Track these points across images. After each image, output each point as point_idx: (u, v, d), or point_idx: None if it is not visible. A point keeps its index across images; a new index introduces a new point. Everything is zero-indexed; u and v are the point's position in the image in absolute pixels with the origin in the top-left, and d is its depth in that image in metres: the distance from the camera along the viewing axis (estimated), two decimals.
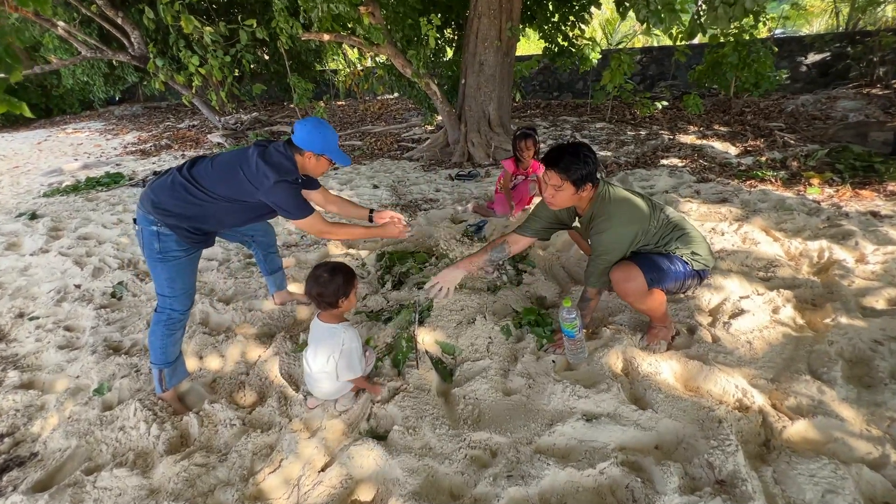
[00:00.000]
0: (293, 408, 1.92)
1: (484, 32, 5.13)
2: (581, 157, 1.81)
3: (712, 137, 5.42)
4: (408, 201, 4.24)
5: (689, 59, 8.27)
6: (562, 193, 1.87)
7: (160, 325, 1.89)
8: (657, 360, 1.95)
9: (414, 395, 1.89)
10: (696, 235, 2.03)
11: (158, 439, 1.79)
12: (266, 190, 1.81)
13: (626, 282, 1.90)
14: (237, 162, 1.85)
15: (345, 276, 1.73)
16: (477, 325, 2.26)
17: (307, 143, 1.84)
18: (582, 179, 1.83)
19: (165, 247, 1.83)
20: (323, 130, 1.84)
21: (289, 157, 1.87)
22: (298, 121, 1.88)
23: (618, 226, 1.89)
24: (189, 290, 1.94)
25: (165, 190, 1.82)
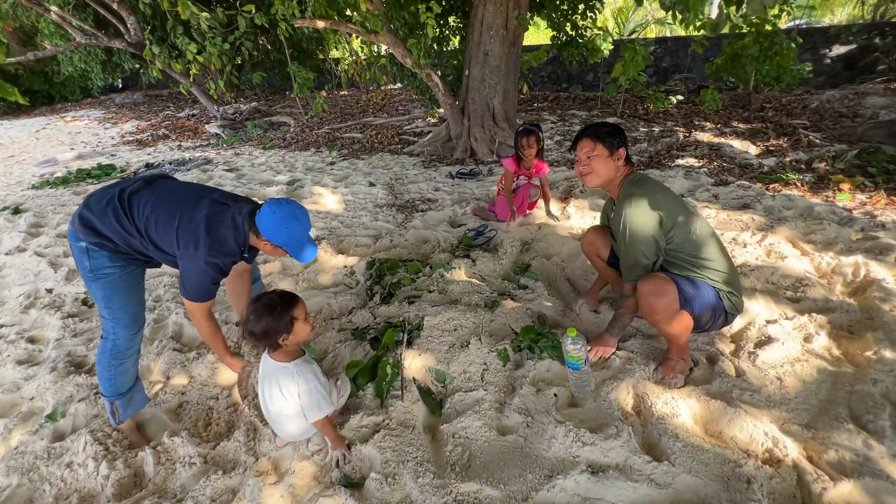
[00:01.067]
0: (261, 443, 1.71)
1: (489, 20, 4.83)
2: (609, 125, 1.82)
3: (731, 135, 5.11)
4: (405, 201, 4.00)
5: (706, 51, 7.89)
6: (596, 160, 1.81)
7: (106, 354, 1.68)
8: (674, 399, 1.71)
9: (397, 432, 1.67)
10: (730, 266, 1.83)
11: (107, 480, 1.59)
12: (186, 256, 1.56)
13: (658, 296, 1.69)
14: (181, 210, 1.58)
15: (274, 312, 1.46)
16: (471, 348, 2.03)
17: (268, 233, 1.57)
18: (614, 143, 1.79)
19: (97, 264, 1.61)
20: (292, 224, 1.56)
21: (241, 233, 1.60)
22: (271, 201, 1.59)
23: (640, 205, 1.73)
24: (131, 312, 1.70)
25: (99, 208, 1.59)
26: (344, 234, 3.41)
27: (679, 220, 1.76)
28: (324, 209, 3.92)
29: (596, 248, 2.23)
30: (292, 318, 1.51)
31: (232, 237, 1.59)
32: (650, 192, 1.76)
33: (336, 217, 3.74)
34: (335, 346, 2.20)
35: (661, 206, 1.73)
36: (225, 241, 1.58)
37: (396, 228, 3.48)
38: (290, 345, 1.53)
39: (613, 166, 1.81)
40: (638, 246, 1.75)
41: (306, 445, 1.67)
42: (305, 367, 1.55)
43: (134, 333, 1.71)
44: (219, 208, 1.62)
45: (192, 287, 1.60)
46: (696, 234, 1.78)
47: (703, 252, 1.78)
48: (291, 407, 1.52)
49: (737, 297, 1.82)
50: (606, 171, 1.82)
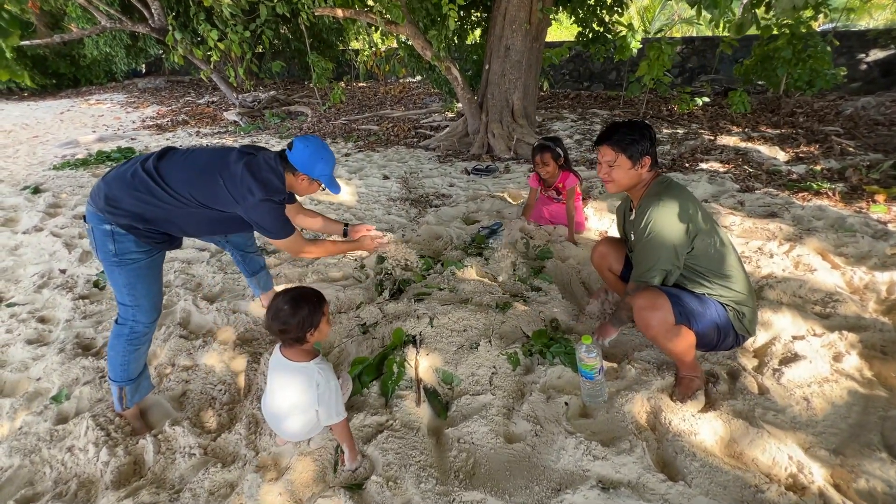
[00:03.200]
0: (262, 438, 1.68)
1: (512, 14, 4.72)
2: (637, 130, 1.68)
3: (758, 140, 4.93)
4: (418, 195, 3.94)
5: (735, 52, 7.63)
6: (618, 170, 1.71)
7: (121, 339, 1.66)
8: (692, 415, 1.62)
9: (400, 434, 1.62)
10: (746, 286, 1.75)
11: (107, 466, 1.58)
12: (249, 206, 1.63)
13: (650, 310, 1.63)
14: (217, 167, 1.63)
15: (311, 305, 1.44)
16: (480, 350, 1.97)
17: (305, 166, 1.70)
18: (639, 152, 1.67)
19: (122, 248, 1.58)
20: (325, 155, 1.72)
21: (279, 175, 1.70)
22: (300, 138, 1.71)
23: (669, 209, 1.63)
24: (153, 299, 1.70)
25: (124, 185, 1.57)
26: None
27: (701, 230, 1.67)
28: (337, 200, 3.89)
29: (608, 262, 2.12)
30: (322, 313, 1.49)
31: (274, 177, 1.67)
32: (680, 198, 1.67)
33: (349, 209, 3.71)
34: (342, 341, 2.16)
35: (690, 215, 1.65)
36: (270, 181, 1.66)
37: (409, 223, 3.42)
38: (312, 341, 1.49)
39: (636, 175, 1.72)
40: (657, 251, 1.67)
41: (307, 443, 1.62)
42: (326, 367, 1.51)
43: (153, 320, 1.71)
44: (249, 158, 1.68)
45: (274, 226, 1.70)
46: (716, 248, 1.70)
47: (719, 268, 1.71)
48: (303, 407, 1.48)
49: (748, 318, 1.73)
50: (628, 180, 1.74)
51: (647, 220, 1.66)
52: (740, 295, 1.72)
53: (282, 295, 1.45)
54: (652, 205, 1.66)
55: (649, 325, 1.65)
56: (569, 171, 2.96)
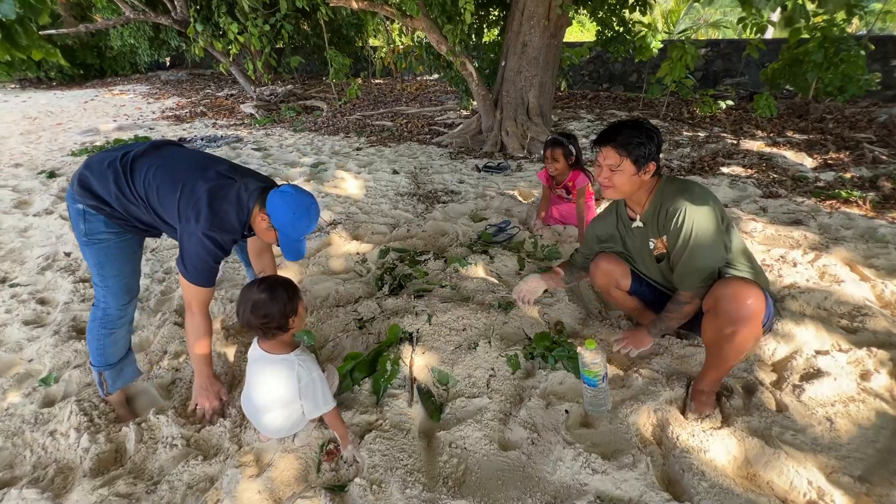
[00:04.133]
0: (247, 431, 1.61)
1: (531, 10, 4.61)
2: (643, 131, 1.53)
3: (784, 146, 4.72)
4: (427, 191, 3.86)
5: (761, 56, 7.38)
6: (620, 175, 1.57)
7: (95, 322, 1.62)
8: (702, 430, 1.51)
9: (389, 435, 1.54)
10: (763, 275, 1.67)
11: (87, 453, 1.53)
12: (185, 228, 1.47)
13: (744, 299, 1.44)
14: (183, 180, 1.50)
15: (287, 290, 1.38)
16: (479, 351, 1.88)
17: (276, 212, 1.45)
18: (644, 157, 1.54)
19: (92, 228, 1.54)
20: (300, 216, 1.46)
21: (242, 213, 1.50)
22: (295, 187, 1.50)
23: (700, 202, 1.52)
24: (124, 281, 1.63)
25: (98, 170, 1.53)
26: (361, 221, 3.31)
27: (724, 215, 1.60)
28: (344, 194, 3.84)
29: (614, 280, 1.91)
30: (299, 297, 1.42)
31: (234, 213, 1.50)
32: (700, 188, 1.59)
33: (355, 202, 3.65)
34: (336, 335, 2.09)
35: (717, 206, 1.56)
36: (226, 217, 1.49)
37: (415, 218, 3.35)
38: (293, 330, 1.43)
39: (638, 181, 1.59)
40: (704, 250, 1.53)
41: (292, 439, 1.56)
42: (307, 358, 1.44)
43: (125, 303, 1.64)
44: (224, 182, 1.53)
45: (192, 264, 1.49)
46: (735, 242, 1.62)
47: (744, 250, 1.64)
48: (285, 402, 1.41)
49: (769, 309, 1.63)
50: (630, 187, 1.61)
51: (685, 223, 1.52)
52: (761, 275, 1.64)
53: (254, 286, 1.38)
54: (683, 207, 1.52)
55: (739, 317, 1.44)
56: (579, 171, 2.84)
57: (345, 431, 1.47)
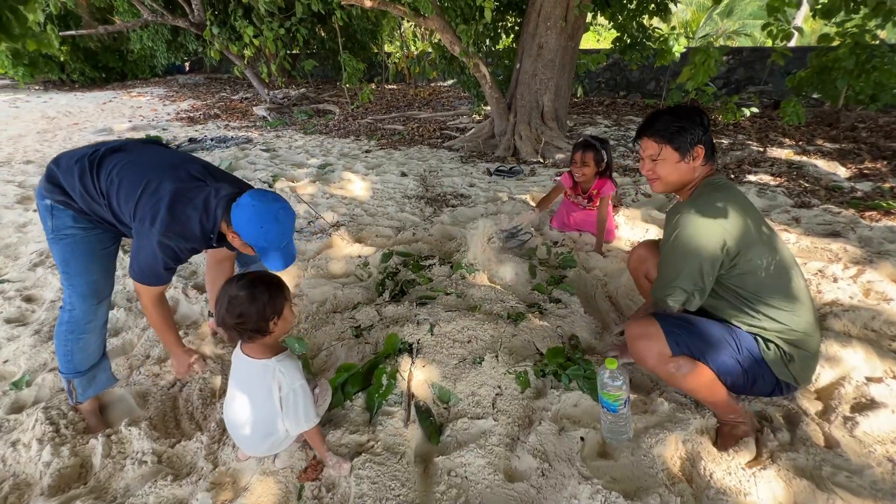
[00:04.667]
0: (224, 449, 1.45)
1: (547, 11, 4.47)
2: (686, 116, 1.38)
3: (815, 154, 4.47)
4: (435, 194, 3.71)
5: (787, 64, 7.12)
6: (664, 165, 1.43)
7: (62, 326, 1.49)
8: (740, 467, 1.31)
9: (381, 459, 1.37)
10: (804, 321, 1.39)
11: (48, 468, 1.39)
12: (138, 229, 1.35)
13: (641, 339, 1.39)
14: (148, 178, 1.37)
15: (271, 289, 1.23)
16: (485, 366, 1.70)
17: (241, 227, 1.31)
18: (689, 143, 1.39)
19: (59, 223, 1.43)
20: (269, 227, 1.30)
21: (208, 221, 1.36)
22: (254, 193, 1.33)
23: (703, 215, 1.33)
24: (90, 280, 1.48)
25: (66, 165, 1.41)
26: (365, 223, 3.17)
27: (751, 246, 1.35)
28: (349, 195, 3.71)
29: (645, 268, 1.81)
30: (285, 298, 1.27)
31: (197, 221, 1.35)
32: (725, 203, 1.35)
33: (360, 204, 3.51)
34: (331, 344, 1.93)
35: (732, 227, 1.33)
36: (188, 223, 1.35)
37: (422, 222, 3.19)
38: (277, 334, 1.27)
39: (687, 169, 1.43)
40: (679, 264, 1.38)
41: (272, 461, 1.39)
42: (290, 364, 1.28)
43: (93, 305, 1.50)
44: (192, 184, 1.39)
45: (140, 267, 1.38)
46: (769, 271, 1.37)
47: (769, 295, 1.37)
48: (264, 415, 1.26)
49: (799, 363, 1.38)
50: (678, 176, 1.44)
51: (676, 225, 1.38)
52: (793, 332, 1.37)
53: (234, 281, 1.23)
54: (685, 210, 1.37)
55: (643, 358, 1.40)
56: (607, 179, 2.64)
57: (324, 451, 1.32)
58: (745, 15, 17.11)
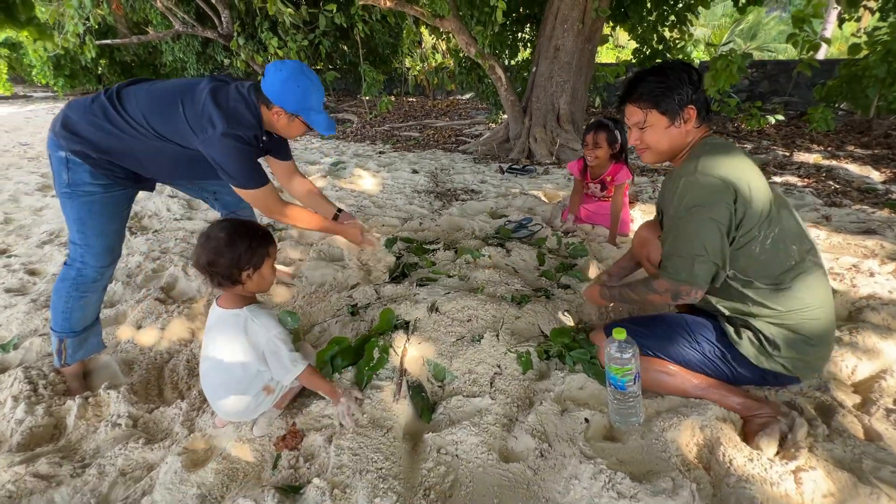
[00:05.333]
0: (202, 416, 1.37)
1: (565, 13, 4.45)
2: (673, 74, 1.23)
3: (845, 159, 4.27)
4: (445, 189, 3.65)
5: (814, 76, 6.94)
6: (652, 132, 1.29)
7: (66, 282, 1.45)
8: (765, 456, 1.15)
9: (365, 431, 1.26)
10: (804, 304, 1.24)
11: (20, 425, 1.33)
12: (207, 140, 1.36)
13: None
14: (181, 94, 1.40)
15: (253, 239, 1.16)
16: (484, 344, 1.59)
17: (277, 96, 1.39)
18: (677, 104, 1.24)
19: (76, 178, 1.39)
20: (302, 82, 1.39)
21: (251, 106, 1.42)
22: (273, 63, 1.40)
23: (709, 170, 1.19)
24: (107, 240, 1.47)
25: (83, 109, 1.40)
26: (373, 214, 3.12)
27: (754, 215, 1.19)
28: (359, 189, 3.68)
29: (647, 250, 1.66)
30: (266, 253, 1.20)
31: (245, 107, 1.41)
32: (729, 157, 1.22)
33: (369, 197, 3.47)
34: (325, 321, 1.85)
35: (740, 183, 1.18)
36: (237, 113, 1.39)
37: (430, 214, 3.13)
38: (250, 287, 1.20)
39: (678, 134, 1.28)
40: (699, 233, 1.19)
41: (250, 428, 1.30)
42: (262, 312, 1.21)
43: (105, 265, 1.48)
44: (219, 84, 1.44)
45: (238, 170, 1.42)
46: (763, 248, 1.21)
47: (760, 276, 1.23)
48: (238, 372, 1.18)
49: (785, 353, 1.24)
50: (669, 143, 1.30)
51: (681, 190, 1.22)
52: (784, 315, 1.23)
53: (218, 224, 1.17)
54: (686, 170, 1.22)
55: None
56: (622, 164, 2.52)
57: (330, 388, 1.25)
58: (768, 38, 16.94)
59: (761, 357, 1.27)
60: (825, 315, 1.25)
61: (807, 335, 1.24)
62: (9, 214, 3.18)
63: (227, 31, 8.94)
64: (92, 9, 7.20)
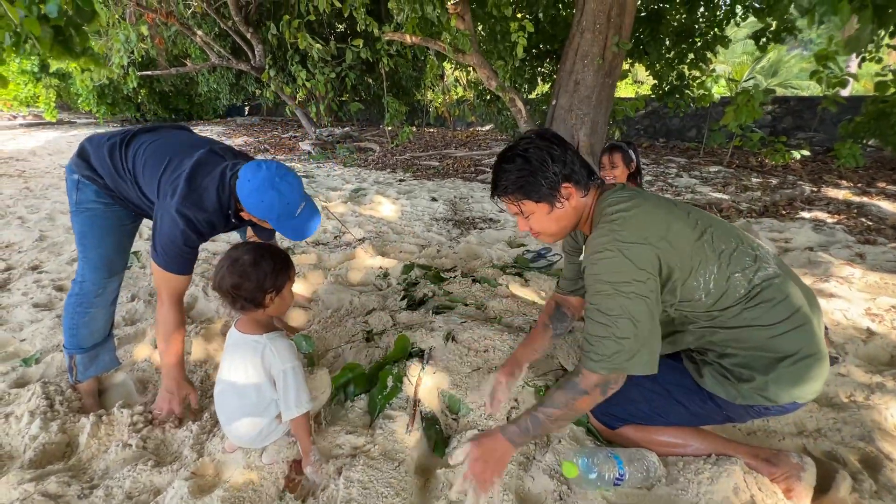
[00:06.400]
0: (212, 441, 1.35)
1: (585, 49, 4.54)
2: (529, 159, 1.09)
3: (877, 196, 4.14)
4: (463, 218, 3.67)
5: (840, 112, 6.86)
6: (535, 220, 1.16)
7: (72, 298, 1.49)
8: None
9: (377, 464, 1.22)
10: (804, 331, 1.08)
11: (34, 441, 1.33)
12: (160, 205, 1.32)
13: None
14: (171, 155, 1.38)
15: (278, 262, 1.16)
16: None
17: (245, 201, 1.27)
18: (548, 187, 1.10)
19: (83, 197, 1.45)
20: (267, 196, 1.24)
21: (224, 192, 1.33)
22: (249, 165, 1.28)
23: (619, 240, 1.04)
24: (103, 254, 1.48)
25: (96, 145, 1.46)
26: (391, 240, 3.14)
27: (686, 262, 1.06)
28: (377, 215, 3.73)
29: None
30: (288, 276, 1.20)
31: (214, 191, 1.32)
32: (635, 213, 1.07)
33: (388, 223, 3.51)
34: (340, 346, 1.83)
35: (657, 232, 1.05)
36: (205, 194, 1.31)
37: (448, 241, 3.13)
38: (270, 310, 1.20)
39: (565, 213, 1.14)
40: (619, 310, 1.02)
41: (259, 455, 1.27)
42: (281, 343, 1.20)
43: (103, 279, 1.50)
44: (211, 158, 1.38)
45: (162, 244, 1.31)
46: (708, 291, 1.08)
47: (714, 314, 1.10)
48: (252, 398, 1.16)
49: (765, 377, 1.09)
50: (558, 224, 1.17)
51: (601, 267, 1.05)
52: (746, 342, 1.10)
53: (242, 246, 1.18)
54: (602, 243, 1.06)
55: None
56: (637, 185, 2.51)
57: (309, 446, 1.19)
58: (790, 76, 16.96)
59: (732, 390, 1.12)
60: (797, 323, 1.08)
61: (780, 352, 1.08)
62: (44, 232, 3.31)
63: (260, 64, 9.42)
64: (137, 43, 7.72)
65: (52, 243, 3.10)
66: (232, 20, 8.79)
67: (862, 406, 1.45)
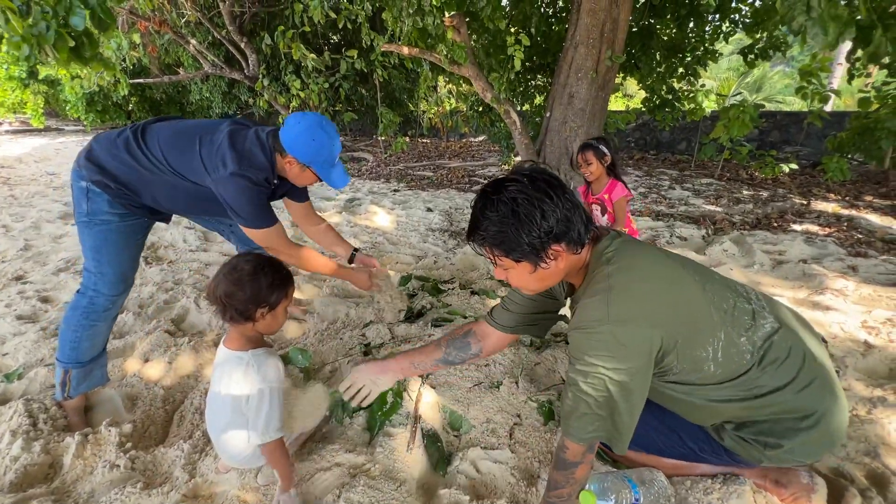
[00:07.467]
0: (205, 461, 1.29)
1: (579, 63, 4.60)
2: (517, 211, 0.91)
3: (865, 209, 4.22)
4: (460, 228, 3.65)
5: (825, 127, 7.03)
6: (515, 276, 1.02)
7: (77, 311, 1.43)
8: None
9: (377, 484, 1.18)
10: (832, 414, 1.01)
11: (14, 463, 1.26)
12: (218, 179, 1.38)
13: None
14: (200, 133, 1.43)
15: (276, 278, 1.12)
16: (503, 392, 1.51)
17: (291, 146, 1.41)
18: (531, 250, 0.93)
19: (95, 207, 1.41)
20: (317, 135, 1.40)
21: (266, 150, 1.43)
22: (295, 113, 1.43)
23: (610, 321, 0.92)
24: (120, 268, 1.47)
25: (108, 141, 1.43)
26: (387, 251, 3.10)
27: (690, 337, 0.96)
28: (373, 226, 3.69)
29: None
30: (285, 294, 1.16)
31: (259, 150, 1.42)
32: (638, 277, 0.97)
33: (384, 234, 3.48)
34: (337, 360, 1.79)
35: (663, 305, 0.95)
36: (252, 152, 1.41)
37: (445, 252, 3.10)
38: (260, 327, 1.15)
39: (549, 273, 0.99)
40: (598, 391, 0.93)
41: (255, 475, 1.22)
42: (266, 361, 1.14)
43: (117, 294, 1.47)
44: (239, 127, 1.47)
45: (245, 209, 1.42)
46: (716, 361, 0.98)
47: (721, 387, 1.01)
48: (239, 417, 1.11)
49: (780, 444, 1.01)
50: (541, 282, 1.03)
51: (580, 341, 0.96)
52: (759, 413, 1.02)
53: (243, 256, 1.14)
54: (596, 316, 0.94)
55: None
56: (617, 181, 2.54)
57: (288, 472, 1.13)
58: (774, 91, 17.40)
59: (756, 455, 1.05)
60: (808, 378, 1.00)
61: (797, 412, 1.00)
62: (29, 241, 3.22)
63: (253, 74, 9.40)
64: (128, 51, 7.66)
65: (37, 253, 3.02)
66: (226, 29, 8.79)
67: (865, 420, 1.44)
